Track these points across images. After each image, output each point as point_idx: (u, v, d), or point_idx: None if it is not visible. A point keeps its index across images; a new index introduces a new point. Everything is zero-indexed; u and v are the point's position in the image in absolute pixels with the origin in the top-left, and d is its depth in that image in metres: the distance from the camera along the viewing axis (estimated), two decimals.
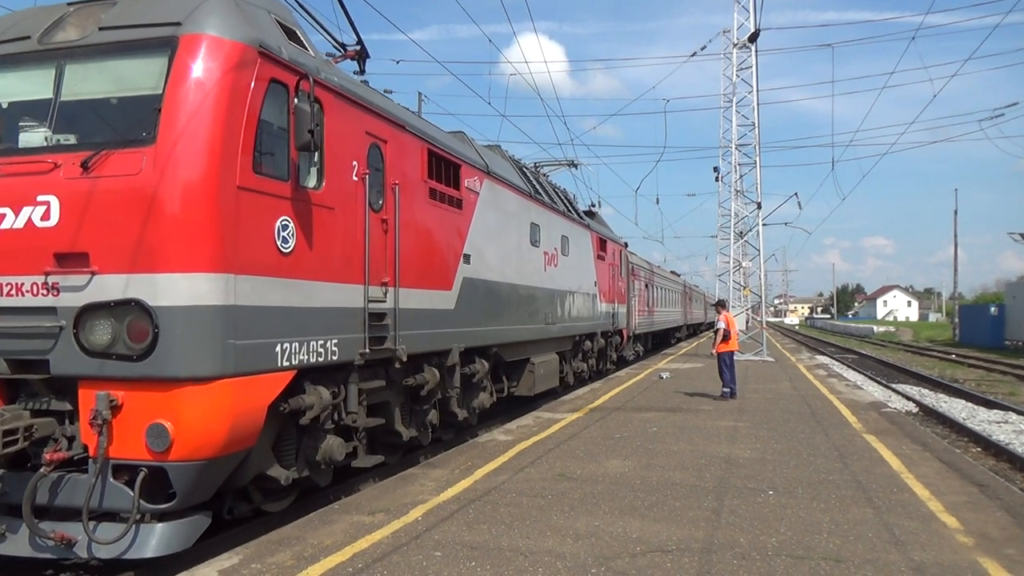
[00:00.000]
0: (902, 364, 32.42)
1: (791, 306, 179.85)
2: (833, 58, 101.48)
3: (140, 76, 5.78)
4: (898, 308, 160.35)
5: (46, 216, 5.52)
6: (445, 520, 6.45)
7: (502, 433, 11.12)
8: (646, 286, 30.48)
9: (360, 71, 9.09)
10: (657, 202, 49.37)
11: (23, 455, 5.63)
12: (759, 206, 29.49)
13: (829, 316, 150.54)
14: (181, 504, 5.57)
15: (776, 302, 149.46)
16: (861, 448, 9.84)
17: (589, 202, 23.13)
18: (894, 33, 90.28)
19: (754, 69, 29.60)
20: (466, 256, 10.41)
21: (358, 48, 9.04)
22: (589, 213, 21.68)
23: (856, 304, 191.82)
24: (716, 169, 34.52)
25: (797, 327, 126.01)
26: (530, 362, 13.80)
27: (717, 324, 15.42)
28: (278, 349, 6.15)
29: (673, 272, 48.09)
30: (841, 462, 8.92)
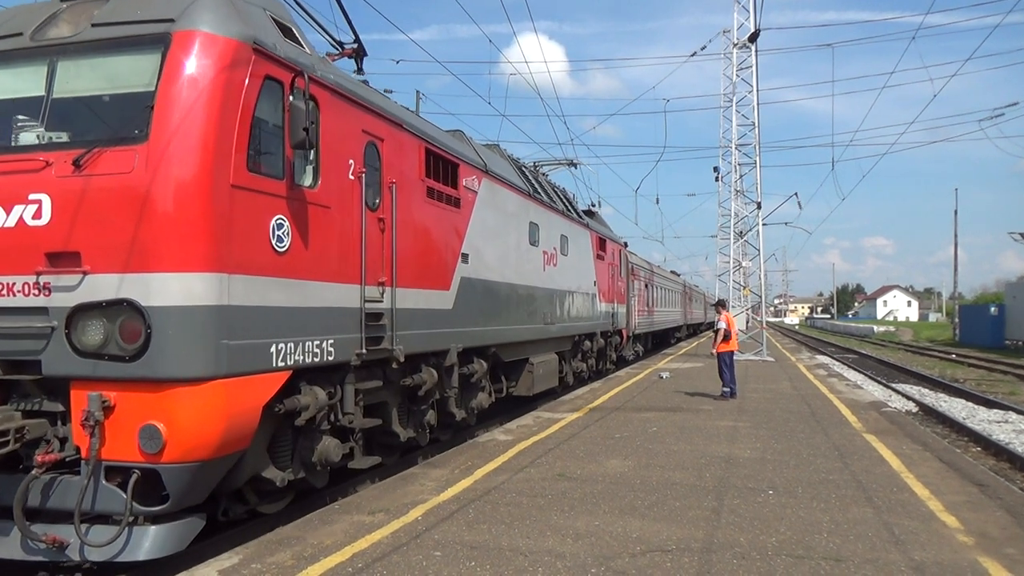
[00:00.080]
0: (902, 364, 32.38)
1: (791, 306, 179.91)
2: (833, 58, 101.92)
3: (133, 73, 5.72)
4: (898, 308, 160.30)
5: (37, 215, 5.46)
6: (445, 520, 6.44)
7: (502, 433, 11.08)
8: (646, 286, 30.43)
9: (358, 69, 9.05)
10: (657, 202, 49.45)
11: (15, 457, 5.58)
12: (759, 206, 29.51)
13: (829, 316, 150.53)
14: (174, 506, 5.51)
15: (776, 302, 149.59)
16: (861, 448, 9.82)
17: (589, 202, 23.08)
18: (894, 33, 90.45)
19: (754, 69, 29.60)
20: (464, 256, 10.36)
21: (356, 46, 9.00)
22: (588, 213, 21.63)
23: (856, 304, 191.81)
24: (716, 169, 34.53)
25: (797, 327, 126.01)
26: (529, 362, 13.75)
27: (718, 324, 15.39)
28: (273, 349, 6.09)
29: (673, 272, 48.06)
30: (841, 462, 8.88)
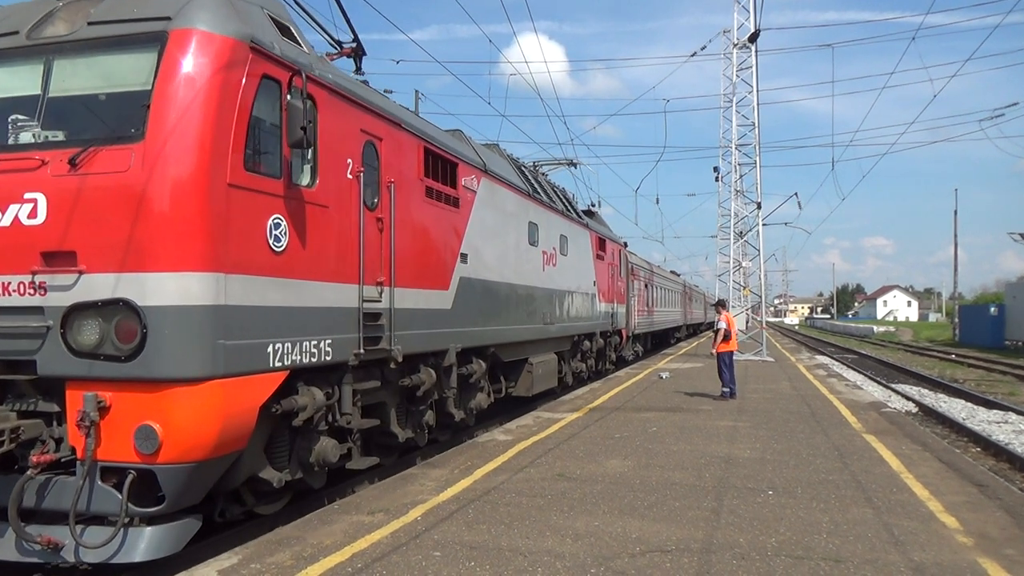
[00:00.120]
0: (902, 364, 32.36)
1: (791, 306, 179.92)
2: (833, 58, 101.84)
3: (129, 72, 5.69)
4: (898, 308, 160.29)
5: (33, 214, 5.43)
6: (444, 520, 6.42)
7: (502, 433, 11.06)
8: (645, 286, 30.40)
9: (357, 69, 9.02)
10: (657, 202, 49.46)
11: (10, 457, 5.55)
12: (759, 206, 29.49)
13: (829, 316, 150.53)
14: (170, 507, 5.48)
15: (776, 302, 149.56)
16: (861, 448, 9.79)
17: (589, 202, 23.06)
18: (894, 33, 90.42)
19: (754, 69, 29.58)
20: (463, 255, 10.33)
21: (354, 45, 8.97)
22: (588, 212, 21.61)
23: (856, 304, 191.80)
24: (716, 169, 34.50)
25: (797, 327, 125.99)
26: (528, 362, 13.71)
27: (718, 324, 15.38)
28: (270, 349, 6.06)
29: (673, 272, 48.03)
30: (841, 462, 8.86)
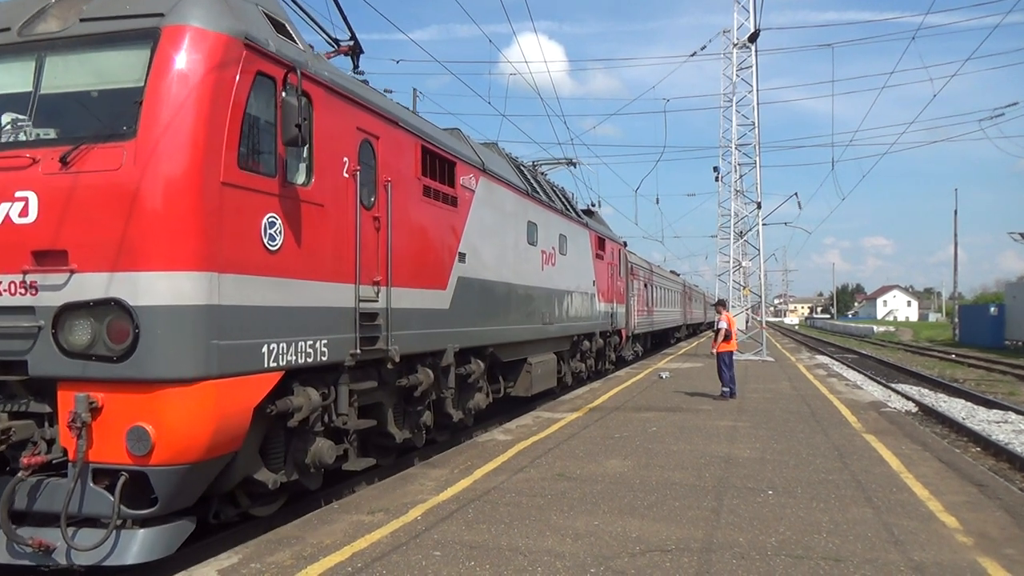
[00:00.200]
0: (902, 364, 32.32)
1: (791, 306, 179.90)
2: (833, 58, 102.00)
3: (121, 68, 5.63)
4: (898, 308, 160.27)
5: (24, 212, 5.37)
6: (444, 520, 6.40)
7: (501, 433, 11.01)
8: (645, 286, 30.35)
9: (354, 67, 8.96)
10: (657, 202, 49.51)
11: (1, 459, 5.50)
12: (759, 206, 29.44)
13: (829, 316, 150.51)
14: (163, 509, 5.42)
15: (776, 302, 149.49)
16: (860, 448, 9.75)
17: (589, 201, 23.03)
18: (894, 33, 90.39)
19: (754, 69, 29.54)
20: (461, 255, 10.27)
21: (352, 44, 8.91)
22: (588, 212, 21.58)
23: (856, 304, 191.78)
24: (716, 169, 34.43)
25: (797, 327, 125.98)
26: (527, 362, 13.66)
27: (718, 324, 15.34)
28: (264, 350, 6.00)
29: (673, 272, 47.99)
30: (841, 462, 8.82)
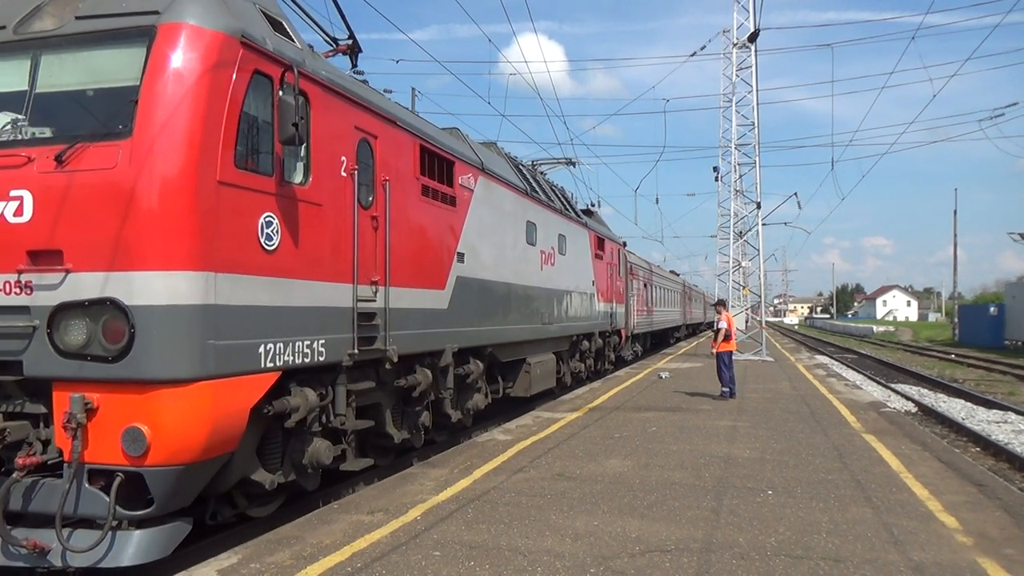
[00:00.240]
0: (901, 364, 32.30)
1: (791, 306, 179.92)
2: (833, 58, 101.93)
3: (117, 67, 5.59)
4: (898, 308, 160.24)
5: (19, 212, 5.33)
6: (444, 520, 6.38)
7: (501, 433, 10.99)
8: (645, 285, 30.32)
9: (353, 66, 8.93)
10: (657, 202, 49.54)
11: None
12: (759, 206, 29.43)
13: (829, 316, 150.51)
14: (159, 511, 5.38)
15: (776, 302, 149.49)
16: (860, 448, 9.73)
17: (588, 201, 23.00)
18: (894, 33, 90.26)
19: (754, 69, 29.51)
20: (460, 255, 10.24)
21: (350, 43, 8.88)
22: (587, 212, 21.56)
23: (856, 304, 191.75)
24: (716, 169, 34.46)
25: (797, 327, 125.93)
26: (526, 362, 13.63)
27: (718, 324, 15.33)
28: (261, 350, 5.96)
29: (672, 272, 47.95)
30: (840, 462, 8.79)
